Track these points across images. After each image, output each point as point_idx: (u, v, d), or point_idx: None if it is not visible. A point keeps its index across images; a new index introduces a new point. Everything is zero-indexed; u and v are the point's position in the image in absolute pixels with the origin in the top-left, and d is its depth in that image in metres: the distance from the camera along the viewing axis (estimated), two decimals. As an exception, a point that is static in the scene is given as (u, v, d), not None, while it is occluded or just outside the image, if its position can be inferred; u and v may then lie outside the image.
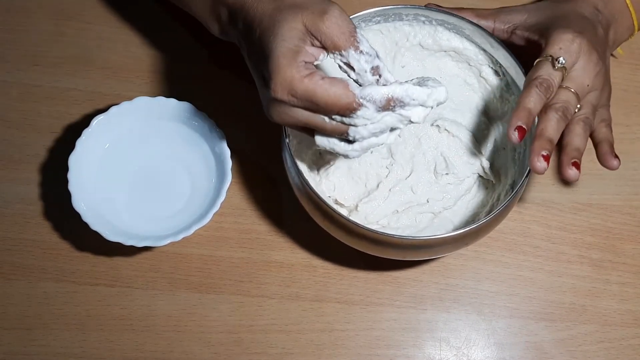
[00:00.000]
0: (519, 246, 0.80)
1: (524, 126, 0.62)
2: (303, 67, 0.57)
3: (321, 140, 0.61)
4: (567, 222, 0.81)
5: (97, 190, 0.75)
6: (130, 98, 0.77)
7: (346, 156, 0.62)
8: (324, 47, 0.59)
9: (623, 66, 0.86)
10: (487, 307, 0.78)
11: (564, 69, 0.65)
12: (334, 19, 0.58)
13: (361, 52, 0.59)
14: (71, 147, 0.74)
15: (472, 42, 0.74)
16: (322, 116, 0.59)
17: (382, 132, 0.60)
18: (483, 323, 0.77)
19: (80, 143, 0.75)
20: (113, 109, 0.76)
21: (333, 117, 0.58)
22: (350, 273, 0.78)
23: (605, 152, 0.70)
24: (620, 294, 0.78)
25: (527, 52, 0.70)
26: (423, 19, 0.73)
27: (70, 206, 0.73)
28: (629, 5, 0.73)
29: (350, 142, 0.61)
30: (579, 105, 0.66)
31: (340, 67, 0.60)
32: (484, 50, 0.73)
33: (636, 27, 0.75)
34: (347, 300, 0.78)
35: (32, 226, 0.79)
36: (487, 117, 0.75)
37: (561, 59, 0.65)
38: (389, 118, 0.59)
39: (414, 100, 0.58)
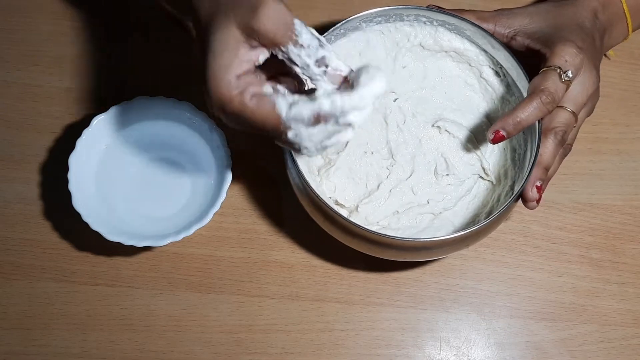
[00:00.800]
0: (519, 246, 0.80)
1: (503, 133, 0.65)
2: (234, 85, 0.55)
3: None
4: (568, 222, 0.81)
5: (97, 190, 0.75)
6: (130, 98, 0.77)
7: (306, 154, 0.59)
8: (264, 45, 0.56)
9: (623, 66, 0.85)
10: (487, 307, 0.78)
11: (569, 82, 0.66)
12: (267, 14, 0.54)
13: (301, 45, 0.55)
14: (71, 147, 0.74)
15: (473, 42, 0.73)
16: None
17: (328, 137, 0.57)
18: (483, 323, 0.78)
19: (80, 143, 0.75)
20: (113, 109, 0.76)
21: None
22: (350, 273, 0.78)
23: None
24: (620, 294, 0.79)
25: (528, 56, 0.70)
26: (424, 19, 0.73)
27: (70, 206, 0.73)
28: (625, 11, 0.73)
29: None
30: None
31: (285, 63, 0.57)
32: (485, 51, 0.73)
33: (630, 32, 0.75)
34: (347, 300, 0.78)
35: (32, 226, 0.79)
36: (488, 118, 0.75)
37: (569, 72, 0.65)
38: (329, 126, 0.56)
39: (343, 111, 0.55)
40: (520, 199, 0.67)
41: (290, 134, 0.56)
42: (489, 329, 0.77)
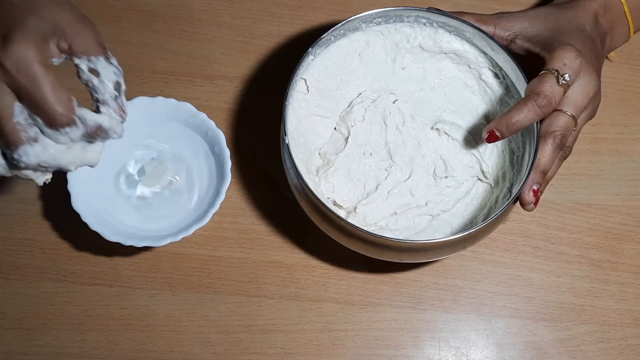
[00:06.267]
0: (518, 246, 0.80)
1: (498, 134, 0.66)
2: (43, 51, 0.53)
3: None
4: (566, 222, 0.81)
5: (97, 190, 0.75)
6: (130, 98, 0.76)
7: None
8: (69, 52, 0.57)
9: (622, 67, 0.85)
10: (486, 307, 0.78)
11: (567, 85, 0.65)
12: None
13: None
14: (71, 147, 0.74)
15: (473, 44, 0.73)
16: (16, 112, 0.54)
17: (46, 168, 0.56)
18: (482, 323, 0.78)
19: (80, 143, 0.74)
20: (112, 109, 0.76)
21: (28, 122, 0.54)
22: (349, 273, 0.79)
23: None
24: (619, 294, 0.79)
25: (527, 60, 0.70)
26: (424, 21, 0.73)
27: (70, 206, 0.73)
28: (627, 13, 0.73)
29: (4, 156, 0.56)
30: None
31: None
32: (485, 53, 0.73)
33: (631, 34, 0.75)
34: (346, 301, 0.78)
35: (32, 226, 0.79)
36: (487, 120, 0.75)
37: (567, 75, 0.65)
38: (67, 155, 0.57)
39: (111, 133, 0.58)
40: (517, 202, 0.67)
41: (37, 146, 0.55)
42: (488, 329, 0.77)
